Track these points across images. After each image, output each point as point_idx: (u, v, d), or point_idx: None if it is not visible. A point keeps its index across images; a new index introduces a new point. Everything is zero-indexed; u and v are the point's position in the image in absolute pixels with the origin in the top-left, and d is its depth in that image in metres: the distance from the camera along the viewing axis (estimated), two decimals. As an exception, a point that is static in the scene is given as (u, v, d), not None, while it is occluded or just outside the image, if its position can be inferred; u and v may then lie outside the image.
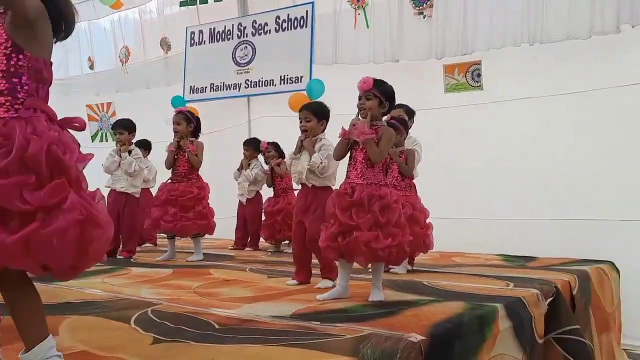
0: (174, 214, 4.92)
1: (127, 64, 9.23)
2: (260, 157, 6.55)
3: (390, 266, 4.03)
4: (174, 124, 5.23)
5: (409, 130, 4.46)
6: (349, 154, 3.11)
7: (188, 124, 5.15)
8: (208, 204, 5.20)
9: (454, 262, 5.11)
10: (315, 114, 3.79)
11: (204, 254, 5.26)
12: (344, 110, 6.95)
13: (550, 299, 3.39)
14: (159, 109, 8.05)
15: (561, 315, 3.47)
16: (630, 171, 5.57)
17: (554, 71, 5.87)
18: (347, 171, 3.08)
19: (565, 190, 5.89)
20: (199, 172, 5.26)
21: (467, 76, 6.45)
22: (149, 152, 6.86)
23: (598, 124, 5.71)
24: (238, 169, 6.60)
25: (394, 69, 6.72)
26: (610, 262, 5.06)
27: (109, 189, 5.40)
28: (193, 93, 8.10)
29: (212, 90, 7.96)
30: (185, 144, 5.07)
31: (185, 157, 5.10)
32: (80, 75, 9.88)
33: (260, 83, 7.51)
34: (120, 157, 5.42)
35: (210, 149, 7.80)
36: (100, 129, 9.72)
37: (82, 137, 6.61)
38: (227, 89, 7.83)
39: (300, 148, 3.81)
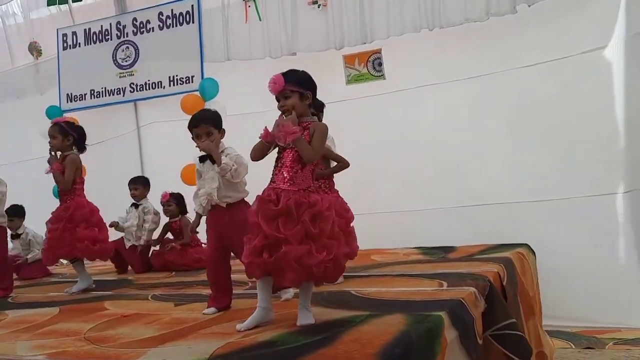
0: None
1: (-10, 75, 8.18)
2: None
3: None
4: (49, 138, 4.50)
5: None
6: (277, 155, 2.71)
7: (65, 137, 4.43)
8: (91, 225, 4.44)
9: (375, 262, 4.85)
10: (214, 124, 3.30)
11: (98, 280, 4.61)
12: (242, 109, 6.63)
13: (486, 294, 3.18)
14: (33, 121, 7.18)
15: (496, 311, 3.27)
16: (533, 152, 5.60)
17: (454, 56, 5.78)
18: (272, 174, 2.66)
19: (474, 176, 5.83)
20: (81, 188, 4.50)
21: (368, 66, 6.23)
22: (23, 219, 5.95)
23: (500, 107, 5.70)
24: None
25: (291, 63, 6.33)
26: (526, 244, 5.02)
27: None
28: (71, 102, 7.27)
29: (93, 97, 7.17)
30: (51, 160, 4.36)
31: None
32: None
33: (147, 86, 6.85)
34: None
35: (98, 162, 7.11)
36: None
37: None
38: (110, 95, 7.07)
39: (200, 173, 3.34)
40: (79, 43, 7.29)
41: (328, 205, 2.55)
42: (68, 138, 4.47)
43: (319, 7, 6.18)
